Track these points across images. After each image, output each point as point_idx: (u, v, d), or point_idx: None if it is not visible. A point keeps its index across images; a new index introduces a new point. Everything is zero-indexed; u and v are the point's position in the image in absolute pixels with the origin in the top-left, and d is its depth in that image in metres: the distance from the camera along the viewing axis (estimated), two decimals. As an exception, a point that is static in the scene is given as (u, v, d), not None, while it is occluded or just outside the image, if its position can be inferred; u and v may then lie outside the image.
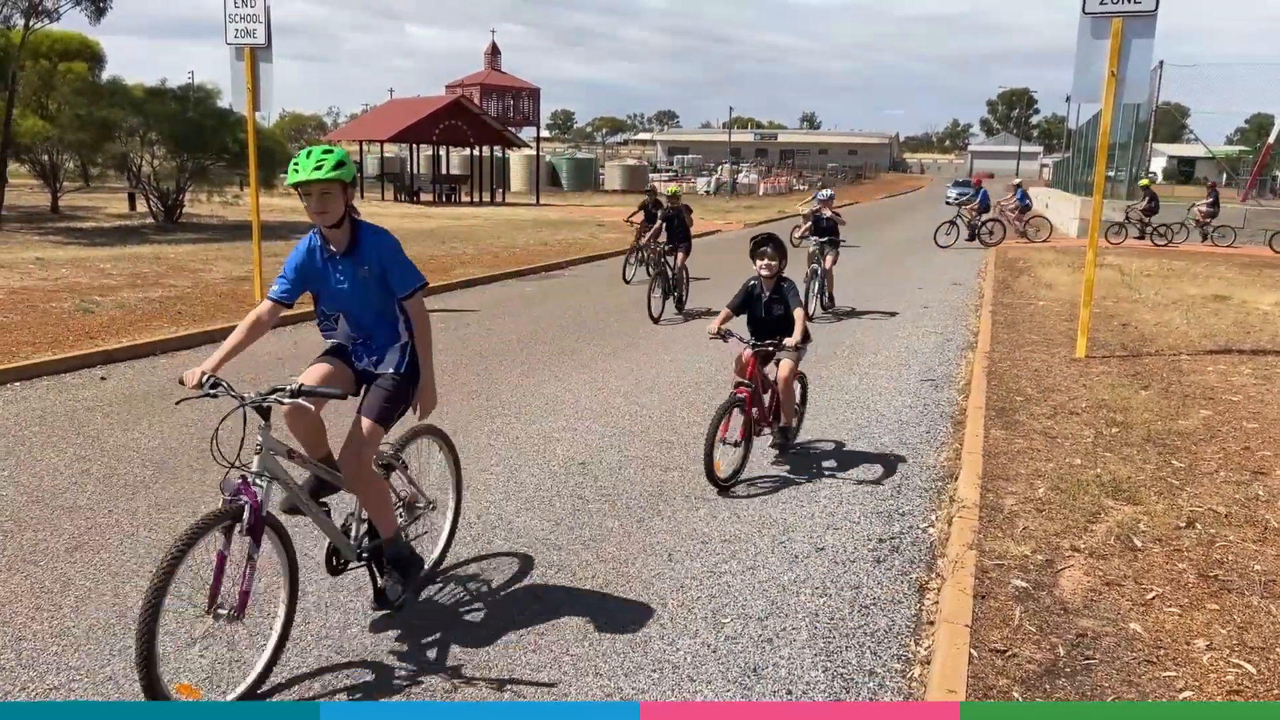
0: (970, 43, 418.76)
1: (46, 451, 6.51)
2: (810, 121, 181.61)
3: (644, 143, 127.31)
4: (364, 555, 4.22)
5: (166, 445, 6.71)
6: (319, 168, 3.74)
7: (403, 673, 3.87)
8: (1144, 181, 27.52)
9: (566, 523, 5.50)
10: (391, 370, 4.23)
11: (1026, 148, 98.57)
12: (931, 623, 4.38)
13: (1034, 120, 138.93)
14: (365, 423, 4.00)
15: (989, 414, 7.62)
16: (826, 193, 14.24)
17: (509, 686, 3.79)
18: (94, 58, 25.22)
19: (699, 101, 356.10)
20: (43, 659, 3.89)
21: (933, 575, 4.89)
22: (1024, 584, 4.60)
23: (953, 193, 50.03)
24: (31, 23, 21.34)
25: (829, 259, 13.17)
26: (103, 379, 8.65)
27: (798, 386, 7.00)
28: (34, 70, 22.91)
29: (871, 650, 4.14)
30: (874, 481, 6.32)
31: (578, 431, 7.33)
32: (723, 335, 6.36)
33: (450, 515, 4.97)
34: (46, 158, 25.92)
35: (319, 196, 3.79)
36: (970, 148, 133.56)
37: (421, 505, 4.67)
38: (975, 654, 3.93)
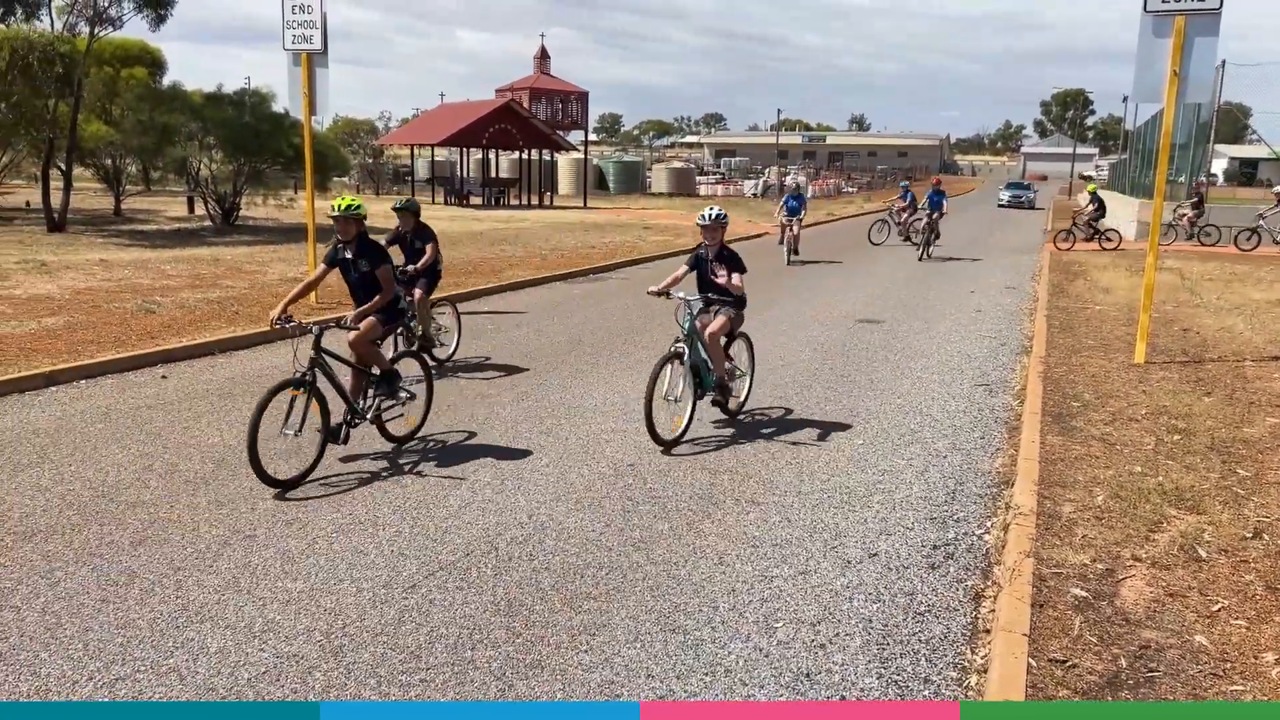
0: (1019, 42, 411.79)
1: (111, 448, 6.68)
2: (859, 123, 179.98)
3: (691, 145, 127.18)
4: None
5: (225, 442, 6.85)
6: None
7: (450, 664, 3.91)
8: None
9: (616, 524, 5.51)
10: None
11: (1082, 149, 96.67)
12: (988, 631, 4.31)
13: (1089, 121, 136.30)
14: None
15: (1045, 420, 7.48)
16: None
17: (561, 685, 3.80)
18: (155, 64, 25.86)
19: (746, 104, 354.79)
20: (108, 650, 3.99)
21: (989, 583, 4.81)
22: (1084, 593, 4.50)
23: (1005, 195, 49.31)
24: (96, 30, 21.95)
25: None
26: (164, 377, 8.86)
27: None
28: (98, 77, 23.57)
29: (927, 658, 4.08)
30: (927, 487, 6.24)
31: (626, 433, 7.34)
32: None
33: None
34: (110, 162, 26.69)
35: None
36: (1023, 149, 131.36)
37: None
38: (1034, 664, 3.86)
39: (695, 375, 7.11)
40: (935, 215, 21.11)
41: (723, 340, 7.35)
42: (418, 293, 9.27)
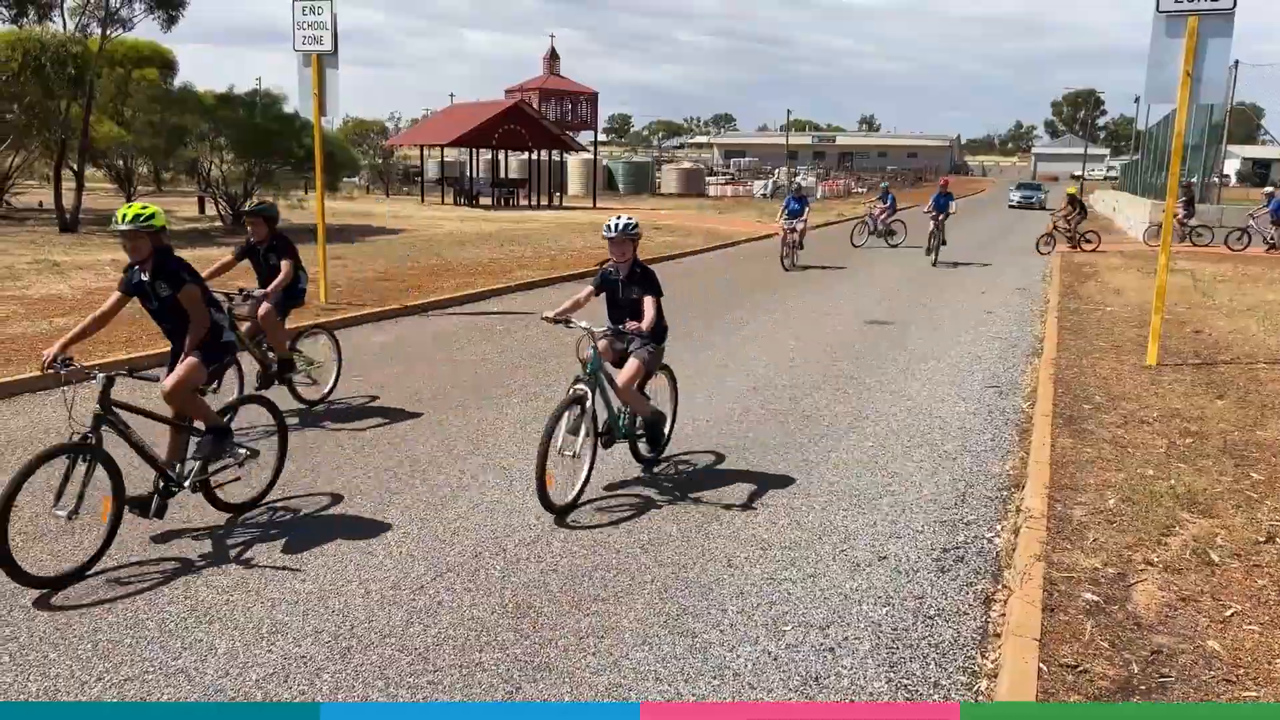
0: (1028, 44, 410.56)
1: (119, 448, 6.67)
2: (869, 124, 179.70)
3: (700, 146, 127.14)
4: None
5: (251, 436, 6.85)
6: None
7: (458, 665, 3.90)
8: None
9: (625, 526, 5.49)
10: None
11: (1093, 150, 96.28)
12: (998, 635, 4.28)
13: (1100, 122, 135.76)
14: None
15: (1056, 422, 7.44)
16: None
17: (569, 687, 3.79)
18: (166, 65, 25.95)
19: (755, 104, 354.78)
20: (117, 651, 4.00)
21: (999, 586, 4.79)
22: (1095, 598, 4.47)
23: (1016, 196, 49.13)
24: (108, 31, 22.05)
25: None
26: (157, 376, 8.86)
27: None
28: (110, 78, 23.67)
29: (936, 662, 4.06)
30: (937, 489, 6.21)
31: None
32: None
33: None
34: (121, 162, 26.79)
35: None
36: (1034, 150, 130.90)
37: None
38: (1045, 668, 3.83)
39: (598, 424, 5.92)
40: (942, 217, 21.01)
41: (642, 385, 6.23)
42: (264, 308, 7.51)
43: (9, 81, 20.30)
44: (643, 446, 6.51)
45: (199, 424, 5.43)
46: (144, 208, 5.18)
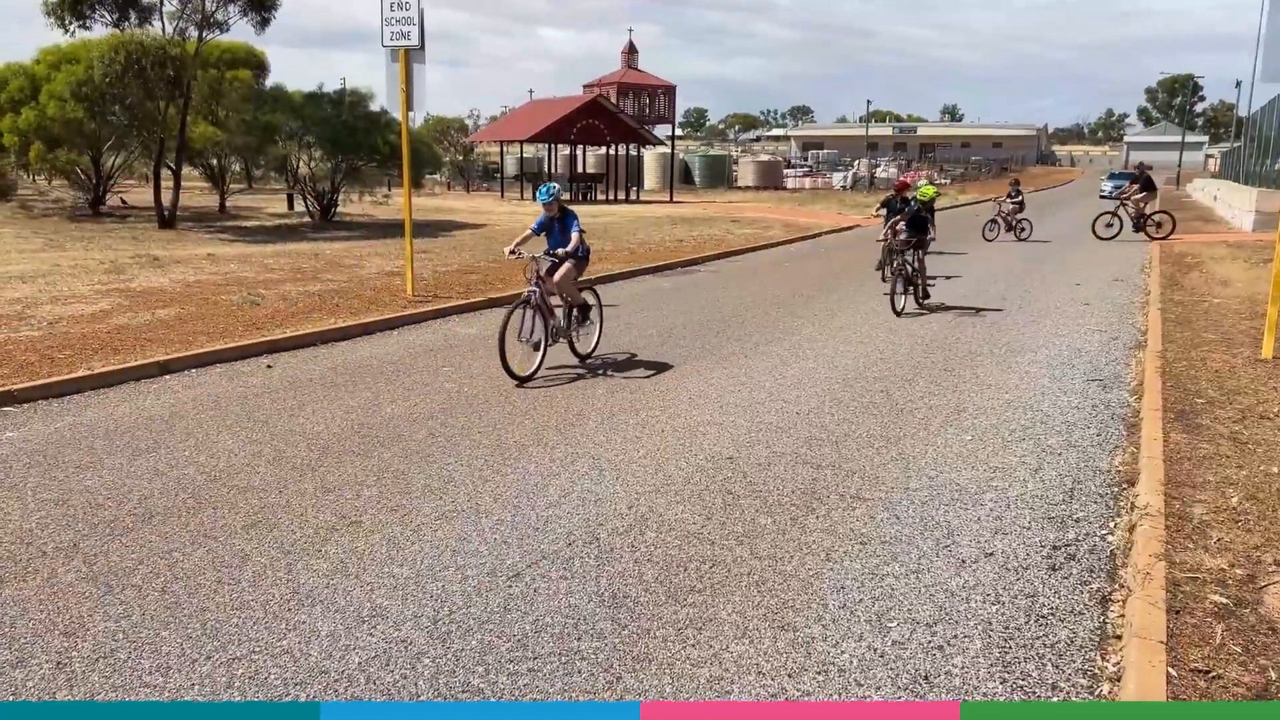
0: (1120, 30, 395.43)
1: (222, 434, 6.87)
2: (952, 114, 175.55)
3: (778, 138, 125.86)
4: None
5: (330, 431, 6.97)
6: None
7: (557, 654, 3.86)
8: None
9: (718, 517, 5.40)
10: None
11: (1190, 137, 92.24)
12: (1118, 637, 4.06)
13: (1197, 109, 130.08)
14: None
15: (1167, 417, 7.09)
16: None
17: (670, 679, 3.72)
18: (259, 66, 26.67)
19: (833, 96, 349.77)
20: (225, 630, 4.07)
21: (1115, 586, 4.55)
22: (1224, 600, 4.21)
23: (1108, 186, 47.38)
24: (204, 34, 22.77)
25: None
26: (269, 367, 9.10)
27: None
28: (205, 79, 24.44)
29: (1053, 663, 3.87)
30: (1043, 485, 5.95)
31: (723, 426, 7.22)
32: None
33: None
34: (215, 161, 27.70)
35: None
36: (1126, 138, 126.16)
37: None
38: (1174, 673, 3.61)
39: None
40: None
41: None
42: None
43: (112, 83, 21.10)
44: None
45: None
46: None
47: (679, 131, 62.41)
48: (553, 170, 43.10)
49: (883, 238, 13.32)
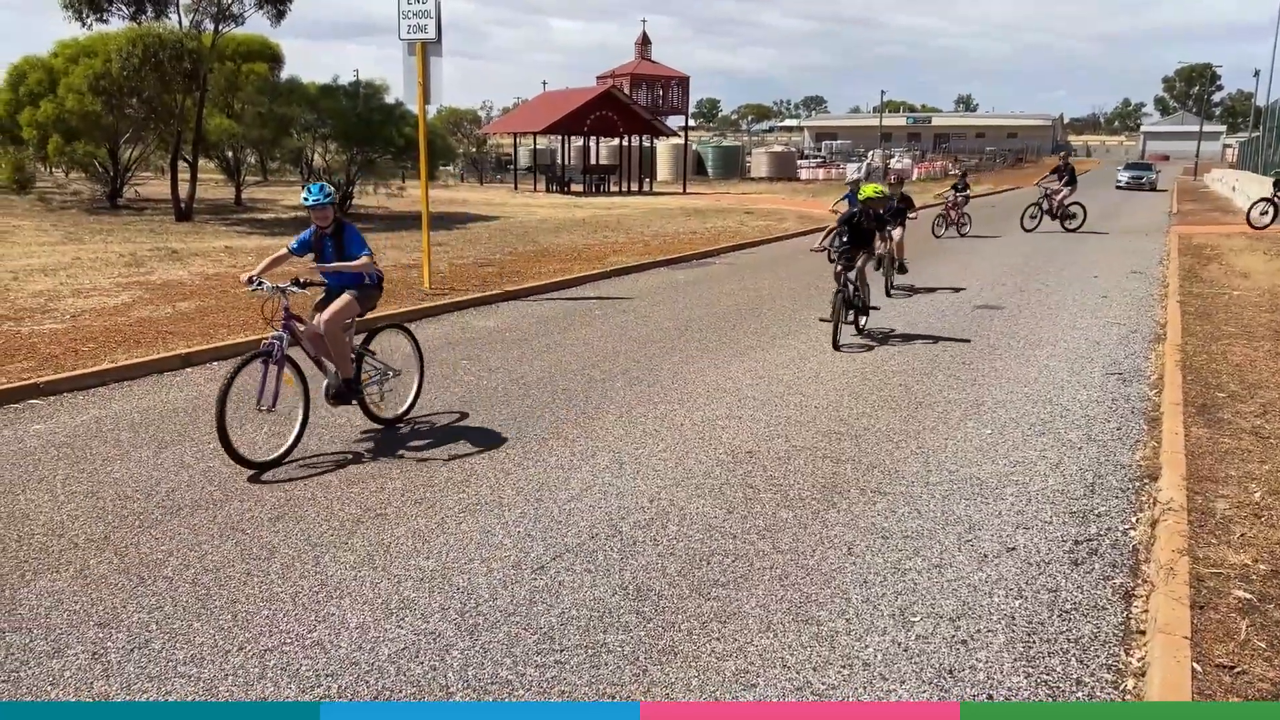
0: (1135, 20, 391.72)
1: (247, 426, 6.92)
2: (966, 104, 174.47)
3: (790, 129, 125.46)
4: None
5: (351, 424, 7.03)
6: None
7: (583, 646, 3.90)
8: None
9: (739, 511, 5.43)
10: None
11: (1208, 127, 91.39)
12: (1142, 632, 4.08)
13: (1215, 98, 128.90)
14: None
15: (1188, 411, 7.07)
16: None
17: (695, 672, 3.75)
18: (274, 59, 26.75)
19: (847, 87, 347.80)
20: (256, 621, 4.13)
21: (1138, 581, 4.56)
22: (1248, 595, 4.22)
23: (1124, 176, 47.04)
24: (220, 27, 22.85)
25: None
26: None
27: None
28: (221, 72, 24.54)
29: (1077, 658, 3.88)
30: (1064, 480, 5.96)
31: (742, 419, 7.25)
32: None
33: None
34: (231, 154, 27.79)
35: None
36: (1143, 128, 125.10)
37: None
38: (1199, 668, 3.63)
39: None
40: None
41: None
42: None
43: (129, 76, 21.20)
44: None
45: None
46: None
47: (692, 122, 62.31)
48: (566, 161, 43.11)
49: (819, 247, 10.55)
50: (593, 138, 43.71)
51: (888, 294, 13.02)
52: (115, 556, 4.74)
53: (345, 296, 6.54)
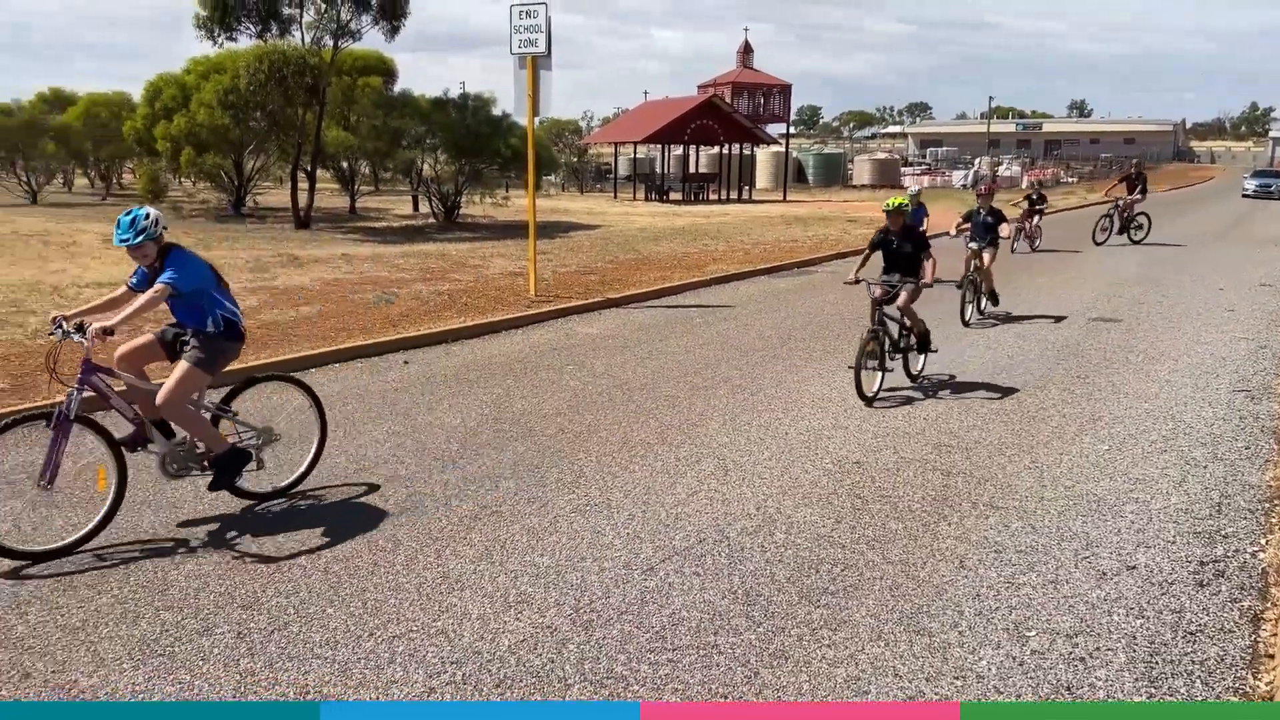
0: (1261, 16, 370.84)
1: (367, 425, 7.26)
2: (1080, 109, 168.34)
3: (894, 136, 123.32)
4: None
5: (466, 425, 7.29)
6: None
7: (695, 647, 3.98)
8: None
9: (847, 521, 5.43)
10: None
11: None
12: (1271, 656, 3.94)
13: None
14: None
15: (1324, 431, 6.74)
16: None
17: (807, 677, 3.80)
18: (388, 73, 27.79)
19: (952, 92, 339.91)
20: (384, 610, 4.35)
21: (1268, 605, 4.40)
22: (1391, 625, 4.03)
23: (1251, 185, 44.64)
24: (339, 43, 23.87)
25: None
26: (405, 363, 9.53)
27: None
28: (338, 86, 25.64)
29: (1202, 680, 3.78)
30: (1187, 499, 5.76)
31: (848, 430, 7.23)
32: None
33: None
34: (346, 164, 28.98)
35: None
36: (1272, 133, 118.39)
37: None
38: (1336, 697, 3.49)
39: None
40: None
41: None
42: None
43: (255, 91, 22.36)
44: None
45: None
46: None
47: (793, 130, 61.81)
48: (666, 170, 43.39)
49: (852, 279, 8.49)
50: (692, 146, 43.89)
51: (964, 322, 11.43)
52: (253, 543, 5.05)
53: (183, 367, 5.18)
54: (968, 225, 12.59)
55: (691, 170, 44.40)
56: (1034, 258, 18.41)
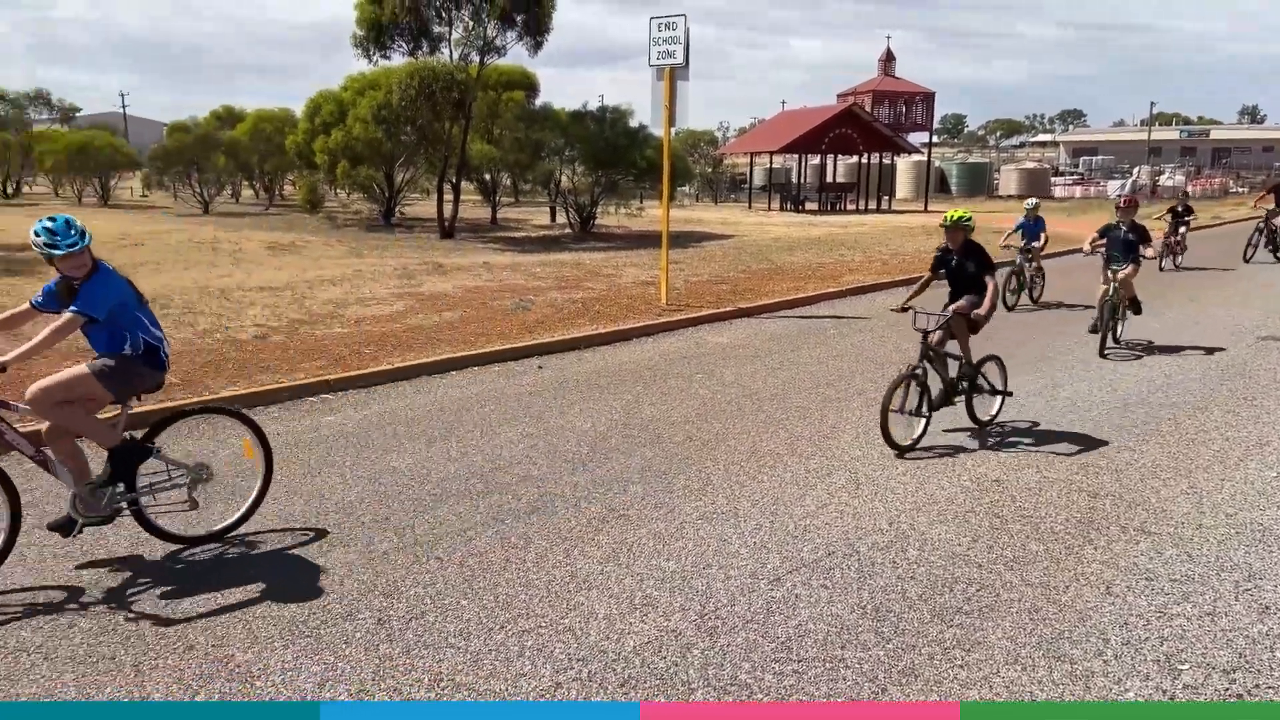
0: None
1: (502, 427, 7.49)
2: (1252, 115, 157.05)
3: (1044, 144, 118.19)
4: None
5: (596, 429, 7.42)
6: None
7: (821, 659, 3.92)
8: None
9: (985, 540, 5.24)
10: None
11: None
12: None
13: None
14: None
15: None
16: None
17: (936, 696, 3.69)
18: (530, 87, 28.59)
19: (1109, 99, 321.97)
20: (515, 604, 4.48)
21: None
22: None
23: None
24: (485, 59, 24.73)
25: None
26: (540, 368, 9.78)
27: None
28: (483, 100, 26.55)
29: (1383, 731, 3.46)
30: (1368, 533, 5.29)
31: (988, 446, 6.97)
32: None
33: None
34: (488, 176, 29.95)
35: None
36: None
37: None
38: None
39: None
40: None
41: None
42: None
43: (406, 106, 23.42)
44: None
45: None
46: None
47: (936, 139, 60.13)
48: (802, 180, 42.94)
49: (901, 306, 7.78)
50: (830, 156, 43.28)
51: (1102, 354, 10.01)
52: (395, 536, 5.29)
53: (78, 369, 4.73)
54: (1104, 241, 10.86)
55: (829, 180, 43.79)
56: (1180, 276, 17.25)
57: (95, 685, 3.80)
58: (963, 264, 7.62)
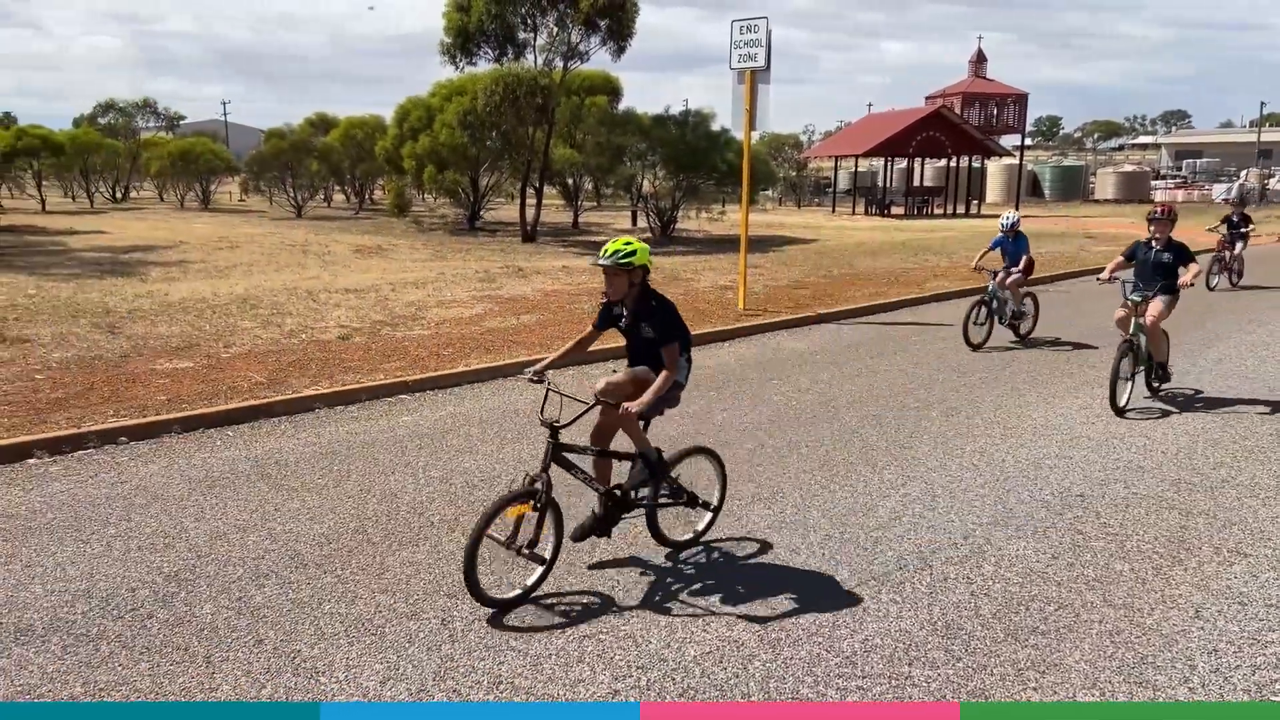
0: None
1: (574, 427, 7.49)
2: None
3: (1144, 147, 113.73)
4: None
5: (667, 433, 7.36)
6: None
7: (887, 675, 3.81)
8: None
9: (1065, 558, 5.03)
10: None
11: None
12: None
13: None
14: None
15: None
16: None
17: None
18: (613, 91, 28.74)
19: (1215, 100, 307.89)
20: (575, 609, 4.47)
21: None
22: None
23: None
24: (568, 64, 24.96)
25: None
26: (614, 370, 9.77)
27: None
28: (566, 105, 26.80)
29: None
30: None
31: (1072, 460, 6.70)
32: None
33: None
34: (570, 180, 30.22)
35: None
36: None
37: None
38: None
39: None
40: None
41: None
42: None
43: (491, 112, 23.78)
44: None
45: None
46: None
47: (1029, 141, 58.28)
48: (888, 183, 42.19)
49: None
50: (917, 159, 42.44)
51: (1116, 409, 7.89)
52: (463, 537, 5.34)
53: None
54: (1128, 265, 8.74)
55: (916, 184, 42.93)
56: (1238, 296, 16.15)
57: (169, 677, 3.93)
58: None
